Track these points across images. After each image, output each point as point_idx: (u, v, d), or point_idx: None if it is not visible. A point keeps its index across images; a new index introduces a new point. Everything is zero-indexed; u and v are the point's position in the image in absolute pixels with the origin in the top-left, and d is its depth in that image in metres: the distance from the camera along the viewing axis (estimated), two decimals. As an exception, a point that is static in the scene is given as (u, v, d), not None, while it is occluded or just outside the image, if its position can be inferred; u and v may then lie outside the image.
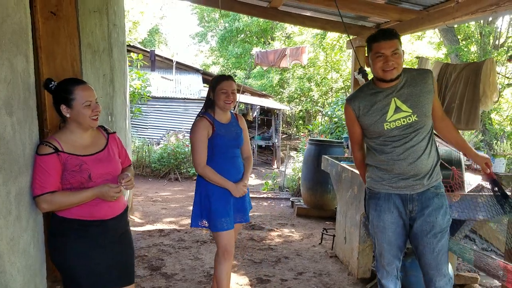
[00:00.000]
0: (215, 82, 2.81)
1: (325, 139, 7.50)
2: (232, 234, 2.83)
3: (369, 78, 2.72)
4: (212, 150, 2.79)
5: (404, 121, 2.33)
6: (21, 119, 1.88)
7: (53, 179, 1.94)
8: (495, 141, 9.34)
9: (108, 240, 2.10)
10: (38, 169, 1.93)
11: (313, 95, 18.39)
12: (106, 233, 2.09)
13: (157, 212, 6.05)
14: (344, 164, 4.10)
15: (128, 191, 5.22)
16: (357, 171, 3.16)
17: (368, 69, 4.10)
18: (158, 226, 5.31)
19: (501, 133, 10.19)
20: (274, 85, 19.46)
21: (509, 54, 3.55)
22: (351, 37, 5.61)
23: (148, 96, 10.14)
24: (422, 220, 2.37)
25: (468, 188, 3.40)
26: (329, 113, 10.27)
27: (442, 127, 2.51)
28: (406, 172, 2.35)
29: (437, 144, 2.51)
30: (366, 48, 2.43)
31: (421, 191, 2.37)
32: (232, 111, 2.99)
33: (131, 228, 4.95)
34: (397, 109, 2.33)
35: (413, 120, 2.33)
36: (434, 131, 2.50)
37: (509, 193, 2.98)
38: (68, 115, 2.01)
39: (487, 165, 2.38)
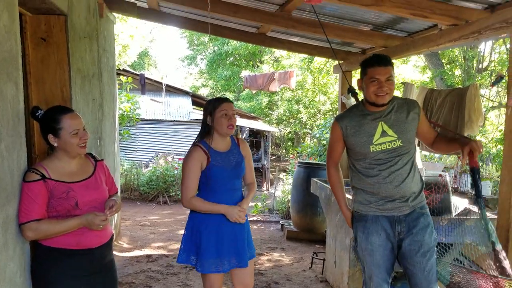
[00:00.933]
0: (212, 106, 2.53)
1: (314, 161, 7.53)
2: (219, 278, 2.56)
3: (359, 98, 2.74)
4: (207, 182, 2.54)
5: (389, 145, 2.40)
6: (9, 146, 1.87)
7: (39, 206, 1.92)
8: (481, 164, 9.47)
9: (93, 269, 2.07)
10: (24, 197, 1.92)
11: (302, 117, 18.56)
12: (92, 262, 2.06)
13: (145, 237, 5.97)
14: (333, 188, 4.11)
15: (116, 215, 5.16)
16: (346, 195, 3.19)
17: (358, 91, 4.17)
18: (146, 251, 5.24)
19: (487, 155, 10.34)
20: (263, 107, 19.61)
21: (492, 81, 3.65)
22: (337, 62, 5.72)
23: (137, 118, 10.13)
24: (410, 240, 2.40)
25: (455, 211, 3.44)
26: (317, 135, 10.36)
27: (436, 144, 2.55)
28: (392, 194, 2.40)
29: (420, 172, 2.55)
30: (360, 71, 2.48)
31: (407, 213, 2.42)
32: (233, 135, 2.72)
33: (119, 254, 4.89)
34: (384, 133, 2.40)
35: (398, 145, 2.40)
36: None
37: (495, 216, 3.02)
38: (55, 144, 2.01)
39: (476, 144, 2.24)
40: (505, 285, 2.14)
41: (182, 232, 6.24)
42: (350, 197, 2.75)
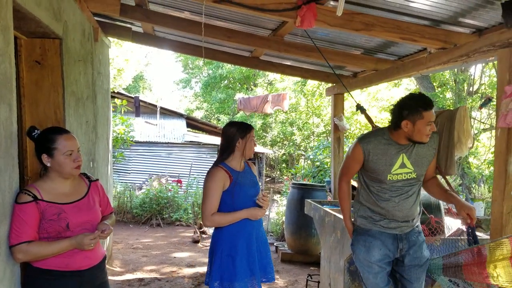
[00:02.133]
0: (245, 130, 2.69)
1: (308, 182, 7.53)
2: None
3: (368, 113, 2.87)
4: (232, 200, 2.63)
5: (405, 176, 2.57)
6: (1, 168, 1.87)
7: (30, 228, 1.91)
8: (474, 185, 9.52)
9: None
10: (15, 218, 1.91)
11: (296, 139, 18.64)
12: (82, 284, 2.04)
13: (138, 260, 5.89)
14: (327, 208, 4.11)
15: (108, 238, 5.10)
16: (340, 216, 3.24)
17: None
18: (138, 275, 5.16)
19: (480, 177, 10.41)
20: (257, 129, 19.68)
21: (481, 103, 3.73)
22: (330, 84, 5.81)
23: (131, 141, 10.13)
24: (411, 257, 2.64)
25: (448, 232, 3.44)
26: (311, 157, 10.38)
27: (430, 184, 2.76)
28: (398, 218, 2.61)
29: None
30: (409, 111, 2.45)
31: (408, 231, 2.66)
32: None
33: (110, 278, 4.81)
34: (402, 165, 2.56)
35: (412, 177, 2.59)
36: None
37: (488, 237, 3.04)
38: (49, 164, 2.01)
39: (468, 215, 2.45)
40: (486, 249, 2.39)
41: (175, 255, 6.21)
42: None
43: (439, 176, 3.04)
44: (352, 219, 2.83)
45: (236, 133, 2.69)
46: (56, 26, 2.88)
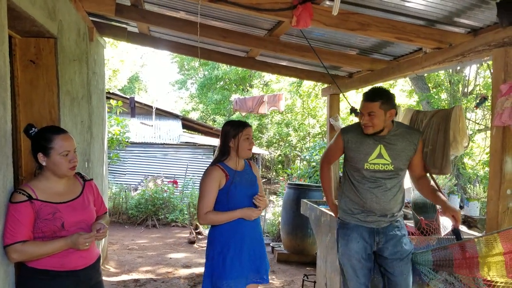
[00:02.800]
0: (236, 129, 2.67)
1: (304, 183, 7.54)
2: None
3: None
4: (228, 199, 2.63)
5: (382, 167, 2.68)
6: (-5, 167, 1.85)
7: (25, 228, 1.90)
8: (469, 185, 9.55)
9: None
10: (10, 218, 1.89)
11: (291, 140, 18.63)
12: (77, 284, 2.03)
13: (133, 261, 5.87)
14: (323, 208, 4.11)
15: (103, 239, 5.08)
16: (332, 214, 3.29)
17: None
18: (134, 275, 5.14)
19: (475, 177, 10.45)
20: (253, 130, 19.68)
21: (476, 102, 3.75)
22: (325, 85, 5.81)
23: (127, 141, 10.09)
24: (391, 250, 2.70)
25: (443, 231, 3.45)
26: (307, 157, 10.39)
27: (420, 184, 2.85)
28: (375, 210, 2.70)
29: (404, 193, 2.86)
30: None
31: (384, 226, 2.73)
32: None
33: (106, 279, 4.79)
34: (380, 155, 2.67)
35: (390, 169, 2.68)
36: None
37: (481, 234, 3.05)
38: (44, 163, 2.00)
39: (454, 217, 2.54)
40: (477, 244, 2.40)
41: (170, 256, 6.19)
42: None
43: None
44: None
45: (229, 133, 2.69)
46: (51, 25, 2.86)
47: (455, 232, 2.60)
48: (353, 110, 4.27)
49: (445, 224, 3.60)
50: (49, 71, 2.97)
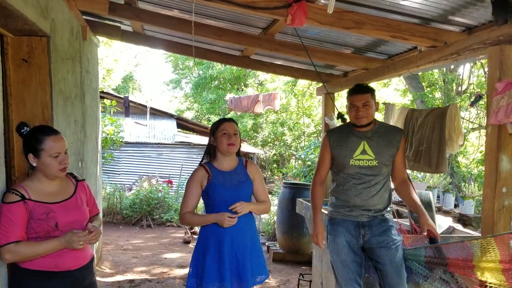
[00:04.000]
0: (215, 126, 2.64)
1: (299, 182, 7.53)
2: None
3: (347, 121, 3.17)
4: (208, 200, 2.59)
5: (366, 163, 2.77)
6: (-13, 167, 1.83)
7: (18, 228, 1.87)
8: (463, 184, 9.59)
9: None
10: (3, 218, 1.87)
11: (286, 139, 18.64)
12: (71, 285, 2.01)
13: (128, 261, 5.83)
14: (318, 208, 4.10)
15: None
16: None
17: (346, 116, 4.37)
18: (129, 276, 5.11)
19: (469, 176, 10.49)
20: (248, 130, 19.64)
21: (471, 100, 3.75)
22: (320, 84, 5.80)
23: (121, 141, 10.04)
24: (378, 239, 2.73)
25: (440, 230, 3.45)
26: (302, 156, 10.39)
27: (401, 188, 2.90)
28: (359, 205, 2.77)
29: (391, 193, 2.92)
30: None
31: (369, 219, 2.78)
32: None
33: (100, 279, 4.75)
34: (364, 151, 2.77)
35: (374, 164, 2.77)
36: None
37: (479, 234, 3.05)
38: (34, 164, 1.98)
39: (429, 231, 2.66)
40: (472, 247, 2.42)
41: (165, 256, 6.16)
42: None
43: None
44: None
45: (210, 131, 2.69)
46: (44, 24, 2.83)
47: (432, 240, 2.67)
48: (340, 116, 4.28)
49: (441, 223, 3.61)
50: (42, 70, 2.93)
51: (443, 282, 2.72)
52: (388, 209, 2.85)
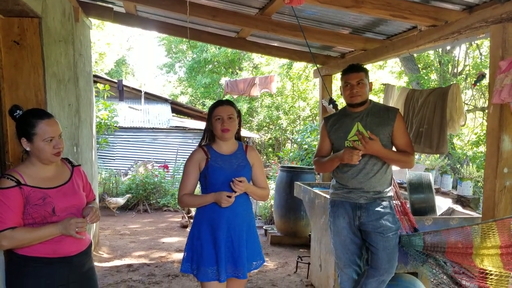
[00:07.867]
0: (210, 110, 2.57)
1: (297, 165, 7.51)
2: (218, 287, 2.46)
3: (339, 107, 3.25)
4: (206, 184, 2.52)
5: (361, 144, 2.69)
6: (-20, 151, 1.77)
7: (14, 214, 1.83)
8: (459, 165, 9.63)
9: (72, 278, 1.98)
10: (-2, 204, 1.82)
11: (282, 123, 18.58)
12: (70, 271, 1.98)
13: (126, 246, 5.82)
14: (316, 190, 4.09)
15: (94, 225, 5.01)
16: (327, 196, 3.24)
17: (340, 99, 4.31)
18: (127, 260, 5.10)
19: (464, 157, 10.54)
20: (243, 114, 19.57)
21: (474, 79, 3.71)
22: (318, 66, 5.73)
23: (115, 126, 9.94)
24: (373, 225, 2.73)
25: (439, 211, 3.45)
26: (299, 140, 10.36)
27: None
28: (357, 187, 2.78)
29: (392, 175, 2.89)
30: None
31: (367, 202, 2.77)
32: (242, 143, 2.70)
33: (98, 264, 4.74)
34: (358, 132, 2.72)
35: None
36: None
37: (479, 215, 3.04)
38: (28, 149, 1.92)
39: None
40: (472, 233, 2.41)
41: (163, 240, 6.16)
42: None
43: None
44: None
45: (207, 116, 2.62)
46: (35, 4, 2.74)
47: (416, 228, 2.87)
48: (331, 101, 4.22)
49: (440, 204, 3.60)
50: (34, 52, 2.86)
51: (439, 267, 2.72)
52: (390, 193, 2.81)
